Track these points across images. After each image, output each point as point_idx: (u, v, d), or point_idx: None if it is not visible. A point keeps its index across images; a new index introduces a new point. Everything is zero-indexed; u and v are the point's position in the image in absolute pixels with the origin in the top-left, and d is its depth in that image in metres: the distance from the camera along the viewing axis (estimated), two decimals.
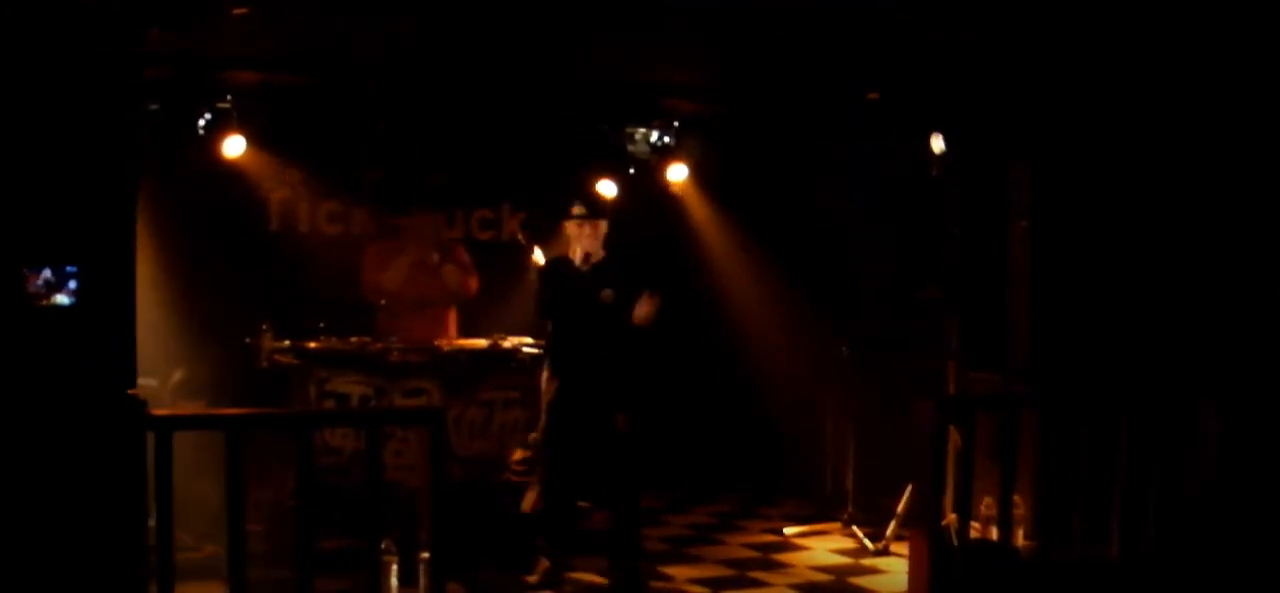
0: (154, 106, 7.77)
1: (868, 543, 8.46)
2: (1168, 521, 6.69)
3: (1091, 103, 7.75)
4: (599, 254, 7.41)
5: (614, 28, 7.17)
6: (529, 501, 7.76)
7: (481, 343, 8.49)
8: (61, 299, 5.22)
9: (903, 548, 7.89)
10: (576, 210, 7.40)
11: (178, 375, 8.20)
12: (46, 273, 5.20)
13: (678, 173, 9.59)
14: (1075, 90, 7.72)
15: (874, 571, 7.98)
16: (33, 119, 5.17)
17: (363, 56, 7.93)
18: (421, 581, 6.34)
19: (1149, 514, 6.71)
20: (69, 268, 5.23)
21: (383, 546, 6.29)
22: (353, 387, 8.00)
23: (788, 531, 8.92)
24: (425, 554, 6.08)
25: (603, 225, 7.45)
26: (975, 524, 7.55)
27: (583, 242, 7.37)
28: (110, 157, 5.29)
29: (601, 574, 7.45)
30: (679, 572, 7.82)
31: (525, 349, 8.35)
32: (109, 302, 5.28)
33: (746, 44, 7.64)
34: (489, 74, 8.32)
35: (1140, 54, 7.33)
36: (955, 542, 6.60)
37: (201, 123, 8.23)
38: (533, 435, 8.18)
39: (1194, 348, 7.40)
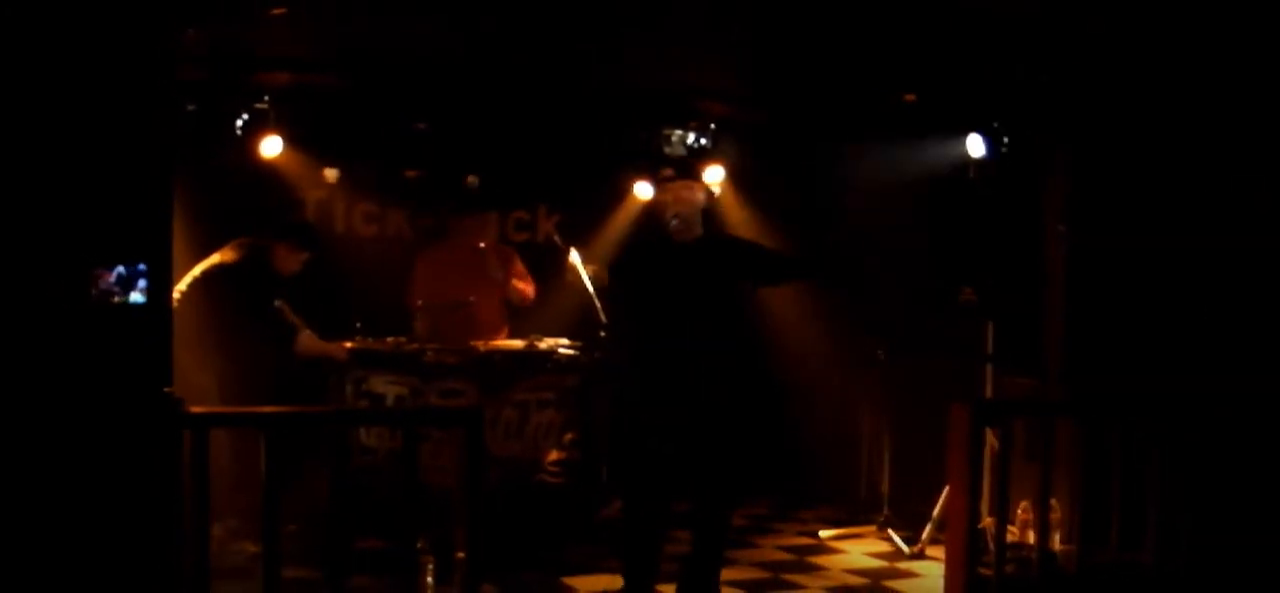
0: (191, 107, 7.82)
1: (903, 547, 8.42)
2: (1202, 527, 6.65)
3: (1132, 105, 7.72)
4: (696, 228, 6.52)
5: (649, 29, 7.17)
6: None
7: (517, 344, 8.48)
8: (136, 297, 5.24)
9: (938, 552, 7.86)
10: (666, 172, 6.64)
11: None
12: (120, 270, 5.22)
13: (714, 175, 9.56)
14: (1117, 93, 7.69)
15: (909, 574, 7.94)
16: (67, 118, 5.19)
17: (400, 57, 7.95)
18: (456, 582, 6.34)
19: (1184, 521, 6.67)
20: (141, 266, 5.25)
21: (418, 546, 6.31)
22: (388, 387, 8.00)
23: (823, 534, 8.89)
24: (460, 555, 6.08)
25: (697, 189, 6.55)
26: (1012, 528, 7.54)
27: (677, 207, 6.43)
28: (146, 156, 5.31)
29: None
30: None
31: (562, 351, 8.33)
32: (146, 300, 5.30)
33: (782, 44, 7.62)
34: (525, 75, 8.32)
35: (1183, 56, 7.30)
36: (991, 546, 6.58)
37: (239, 123, 8.28)
38: (568, 437, 8.19)
39: (1229, 352, 7.37)
